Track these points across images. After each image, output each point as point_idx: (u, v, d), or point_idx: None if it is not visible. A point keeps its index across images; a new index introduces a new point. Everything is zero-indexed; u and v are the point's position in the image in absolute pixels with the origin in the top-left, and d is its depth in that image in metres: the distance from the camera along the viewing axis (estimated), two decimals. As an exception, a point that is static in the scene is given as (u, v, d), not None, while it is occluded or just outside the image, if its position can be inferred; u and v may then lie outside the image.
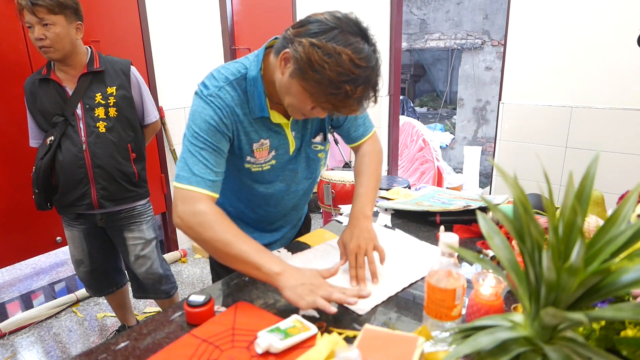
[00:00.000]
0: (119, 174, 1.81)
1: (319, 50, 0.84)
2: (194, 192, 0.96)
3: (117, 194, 1.83)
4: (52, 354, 2.22)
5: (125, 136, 1.81)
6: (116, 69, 1.79)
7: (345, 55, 0.83)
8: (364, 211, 1.12)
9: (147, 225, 1.96)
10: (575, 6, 2.40)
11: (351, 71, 0.84)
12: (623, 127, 2.40)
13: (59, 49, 1.63)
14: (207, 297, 0.90)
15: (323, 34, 0.85)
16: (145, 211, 1.96)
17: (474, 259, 0.57)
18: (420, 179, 4.53)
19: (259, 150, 1.08)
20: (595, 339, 0.66)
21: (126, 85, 1.80)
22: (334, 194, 3.00)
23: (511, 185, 0.55)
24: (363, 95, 0.89)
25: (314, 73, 0.85)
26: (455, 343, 0.55)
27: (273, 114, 1.05)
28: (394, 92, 3.50)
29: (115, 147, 1.78)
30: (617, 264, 0.50)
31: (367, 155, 1.24)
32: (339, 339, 0.77)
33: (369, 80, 0.88)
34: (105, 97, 1.75)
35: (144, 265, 1.96)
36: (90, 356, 0.82)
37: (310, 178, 1.24)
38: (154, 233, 2.00)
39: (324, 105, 0.91)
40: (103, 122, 1.75)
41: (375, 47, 0.92)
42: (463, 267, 1.13)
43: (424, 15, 7.21)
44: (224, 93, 1.00)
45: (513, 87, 2.72)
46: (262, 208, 1.22)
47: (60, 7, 1.60)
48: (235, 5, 3.34)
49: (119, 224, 1.90)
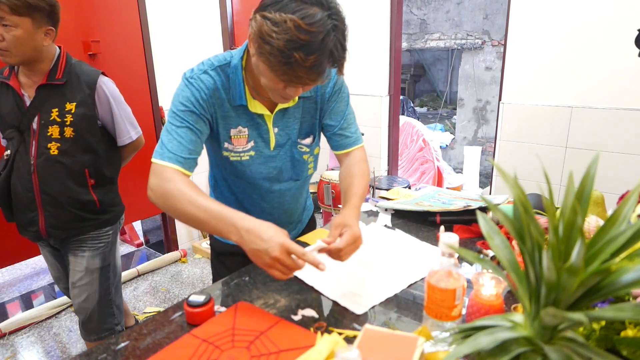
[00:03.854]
0: (72, 203, 1.56)
1: (267, 21, 0.83)
2: (165, 166, 0.97)
3: (70, 223, 1.58)
4: (52, 354, 2.22)
5: (83, 160, 1.54)
6: (80, 82, 1.51)
7: (291, 22, 0.81)
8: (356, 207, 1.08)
9: (93, 253, 1.65)
10: (575, 6, 2.40)
11: (298, 37, 0.81)
12: (623, 127, 2.40)
13: (17, 54, 1.40)
14: (207, 297, 0.90)
15: (274, 5, 0.84)
16: (99, 237, 1.66)
17: (474, 259, 0.57)
18: (421, 179, 4.53)
19: (237, 138, 1.09)
20: (595, 339, 0.66)
21: (88, 102, 1.51)
22: (334, 194, 3.00)
23: (511, 185, 0.55)
24: (318, 62, 0.85)
25: (266, 45, 0.84)
26: (455, 343, 0.55)
27: (254, 104, 1.06)
28: (394, 92, 3.50)
29: (68, 173, 1.52)
30: (617, 264, 0.50)
31: (362, 163, 1.20)
32: (339, 339, 0.77)
33: (323, 48, 0.84)
34: (62, 114, 1.48)
35: (79, 297, 1.67)
36: (90, 356, 0.82)
37: (298, 180, 1.22)
38: (100, 263, 1.68)
39: (282, 78, 0.89)
40: (56, 143, 1.49)
41: (335, 13, 0.86)
42: (463, 267, 1.13)
43: (424, 15, 7.21)
44: (206, 77, 1.03)
45: (513, 87, 2.72)
46: (247, 202, 1.22)
47: (29, 8, 1.36)
48: (235, 5, 3.34)
49: (69, 247, 1.65)
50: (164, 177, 0.96)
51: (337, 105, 1.16)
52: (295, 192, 1.26)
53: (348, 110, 1.19)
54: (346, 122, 1.19)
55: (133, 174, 2.85)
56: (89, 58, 2.48)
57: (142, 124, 2.82)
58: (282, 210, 1.26)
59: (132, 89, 2.75)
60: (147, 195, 0.99)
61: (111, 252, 1.72)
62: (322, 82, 0.94)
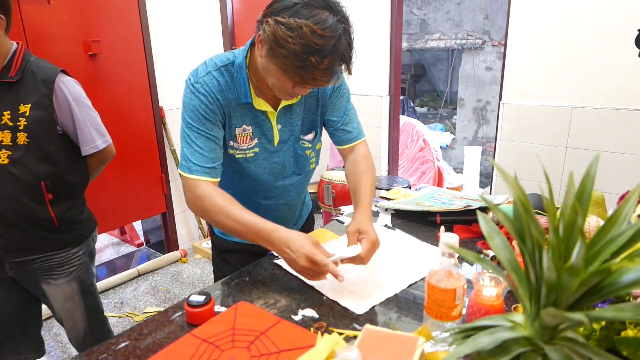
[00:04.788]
0: (24, 219, 1.34)
1: (282, 26, 0.87)
2: (195, 180, 1.04)
3: (24, 242, 1.37)
4: (52, 354, 2.22)
5: (38, 171, 1.32)
6: (36, 81, 1.30)
7: (307, 28, 0.86)
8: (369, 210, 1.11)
9: (68, 279, 1.47)
10: (575, 6, 2.40)
11: (314, 42, 0.86)
12: (623, 127, 2.40)
13: None
14: (207, 297, 0.90)
15: (287, 10, 0.88)
16: (69, 262, 1.46)
17: (474, 259, 0.57)
18: (421, 179, 4.53)
19: (242, 136, 1.12)
20: (595, 339, 0.66)
21: (45, 103, 1.30)
22: (334, 194, 3.00)
23: (511, 186, 0.55)
24: (331, 65, 0.90)
25: (280, 49, 0.89)
26: (456, 343, 0.55)
27: (258, 102, 1.08)
28: (394, 92, 3.50)
29: (20, 186, 1.30)
30: (617, 264, 0.50)
31: (368, 158, 1.23)
32: (339, 339, 0.77)
33: (336, 51, 0.89)
34: (14, 118, 1.27)
35: (67, 324, 1.55)
36: (90, 356, 0.82)
37: (300, 174, 1.25)
38: (79, 286, 1.51)
39: (296, 79, 0.94)
40: (7, 151, 1.28)
41: (343, 17, 0.92)
42: (463, 267, 1.13)
43: (424, 15, 7.20)
44: (210, 78, 1.04)
45: (513, 87, 2.71)
46: (253, 199, 1.24)
47: None
48: (235, 5, 3.34)
49: (34, 275, 1.43)
50: (196, 194, 1.04)
51: (339, 102, 1.19)
52: (298, 187, 1.28)
53: (349, 106, 1.22)
54: (348, 117, 1.21)
55: (133, 173, 2.85)
56: (89, 58, 2.48)
57: (142, 123, 2.85)
58: (287, 207, 1.28)
59: (132, 89, 2.75)
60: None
61: (88, 271, 1.55)
62: (335, 83, 0.99)
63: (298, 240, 0.95)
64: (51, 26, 2.29)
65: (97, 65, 2.52)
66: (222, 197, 1.04)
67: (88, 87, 2.48)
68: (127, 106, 2.74)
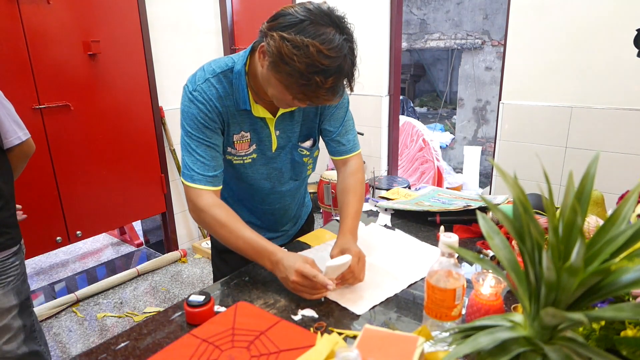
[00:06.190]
0: None
1: (288, 43, 0.86)
2: (196, 189, 1.05)
3: None
4: (52, 354, 2.21)
5: None
6: None
7: (313, 47, 0.84)
8: (354, 232, 1.11)
9: (4, 290, 1.38)
10: (575, 6, 2.40)
11: (320, 62, 0.85)
12: (623, 127, 2.40)
13: None
14: (207, 297, 0.90)
15: (293, 26, 0.87)
16: (5, 271, 1.38)
17: (474, 259, 0.57)
18: (420, 179, 4.53)
19: (240, 142, 1.11)
20: (595, 339, 0.66)
21: None
22: (334, 194, 3.00)
23: (511, 185, 0.55)
24: (335, 85, 0.90)
25: (284, 65, 0.87)
26: (455, 343, 0.55)
27: (257, 108, 1.08)
28: (394, 92, 3.50)
29: None
30: (617, 264, 0.50)
31: (358, 173, 1.22)
32: (339, 339, 0.77)
33: (340, 70, 0.89)
34: None
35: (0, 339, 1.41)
36: (90, 356, 0.82)
37: (297, 179, 1.25)
38: (16, 299, 1.41)
39: (298, 97, 0.93)
40: None
41: (348, 35, 0.91)
42: (463, 267, 1.13)
43: (424, 15, 7.20)
44: (207, 85, 1.03)
45: (513, 87, 2.72)
46: (250, 203, 1.25)
47: None
48: (235, 5, 3.34)
49: None
50: (198, 206, 1.05)
51: (337, 111, 1.18)
52: (294, 192, 1.28)
53: (347, 117, 1.21)
54: (344, 128, 1.20)
55: (133, 173, 2.85)
56: (89, 58, 2.48)
57: (142, 123, 2.85)
58: (283, 210, 1.29)
59: (132, 89, 2.75)
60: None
61: (25, 283, 1.47)
62: (337, 102, 0.99)
63: (290, 258, 0.97)
64: (51, 26, 2.29)
65: (97, 65, 2.52)
66: (224, 211, 1.05)
67: (88, 87, 2.49)
68: (127, 106, 2.74)
